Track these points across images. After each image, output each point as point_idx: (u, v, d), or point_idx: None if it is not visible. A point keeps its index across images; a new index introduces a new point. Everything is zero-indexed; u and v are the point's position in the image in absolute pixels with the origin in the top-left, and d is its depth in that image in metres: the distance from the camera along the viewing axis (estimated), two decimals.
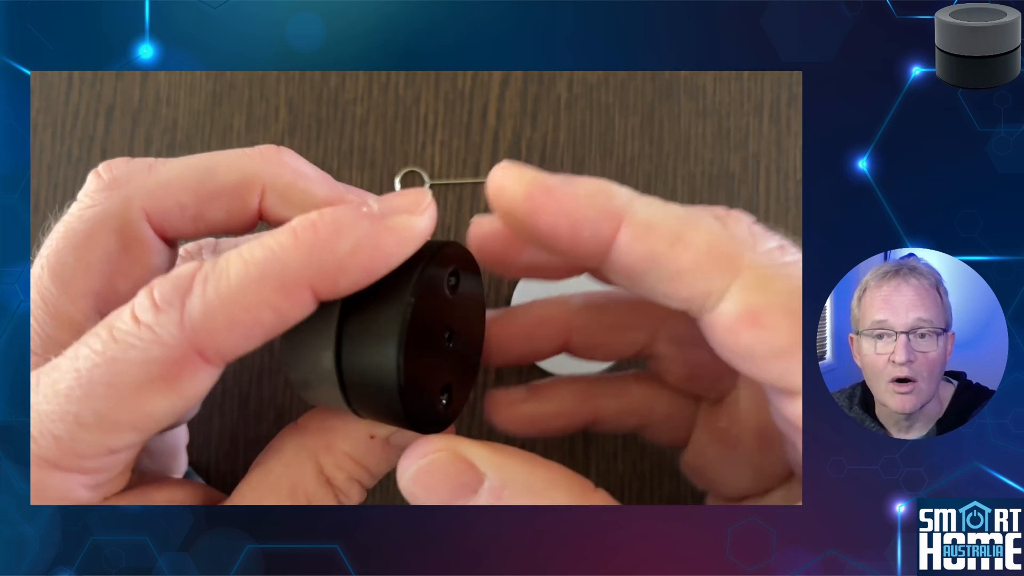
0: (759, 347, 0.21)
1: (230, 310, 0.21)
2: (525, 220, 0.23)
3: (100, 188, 0.25)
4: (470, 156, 0.39)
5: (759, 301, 0.21)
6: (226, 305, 0.21)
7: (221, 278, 0.22)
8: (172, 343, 0.21)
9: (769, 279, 0.21)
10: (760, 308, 0.21)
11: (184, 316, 0.21)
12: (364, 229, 0.22)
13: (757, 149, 0.39)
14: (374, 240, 0.22)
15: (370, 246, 0.22)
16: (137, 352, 0.21)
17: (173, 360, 0.21)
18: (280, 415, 0.37)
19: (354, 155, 0.39)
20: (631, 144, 0.39)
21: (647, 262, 0.22)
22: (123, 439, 0.22)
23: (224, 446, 0.33)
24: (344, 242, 0.22)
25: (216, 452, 0.35)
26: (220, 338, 0.21)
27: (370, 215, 0.22)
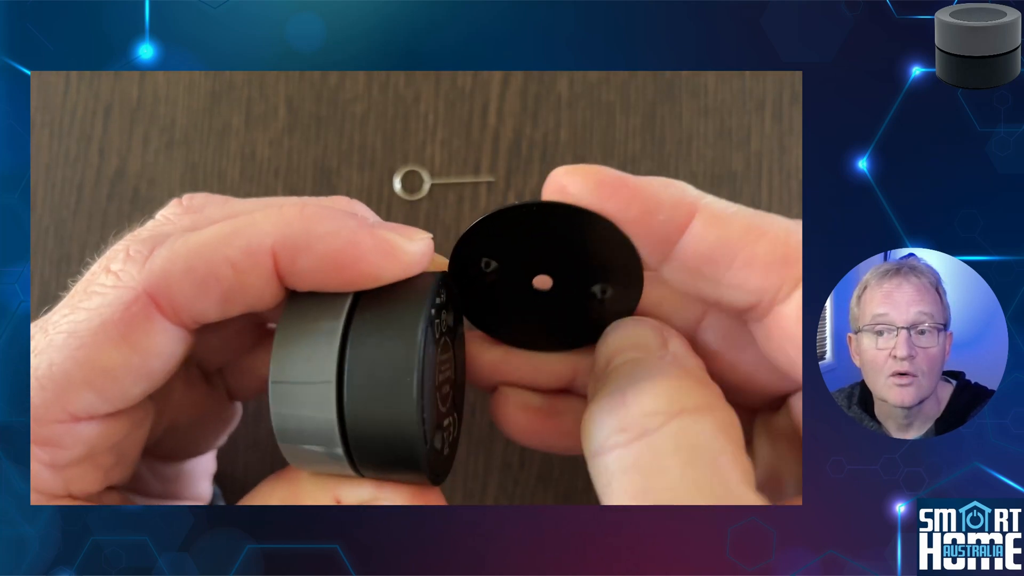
0: None
1: (189, 259, 0.21)
2: (595, 207, 0.22)
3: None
4: (470, 155, 0.39)
5: None
6: (188, 255, 0.21)
7: (193, 233, 0.22)
8: (130, 286, 0.21)
9: None
10: None
11: (146, 263, 0.21)
12: (347, 224, 0.22)
13: (759, 148, 0.39)
14: (352, 236, 0.21)
15: (346, 240, 0.21)
16: (98, 298, 0.21)
17: (125, 303, 0.21)
18: None
19: (354, 154, 0.39)
20: (632, 143, 0.39)
21: (720, 249, 0.22)
22: (80, 399, 0.21)
23: (224, 447, 0.33)
24: (322, 225, 0.21)
25: (216, 452, 0.35)
26: (175, 285, 0.21)
27: (362, 221, 0.22)
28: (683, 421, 0.21)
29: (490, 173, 0.39)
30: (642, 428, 0.21)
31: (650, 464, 0.20)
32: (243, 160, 0.39)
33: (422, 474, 0.22)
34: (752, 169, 0.39)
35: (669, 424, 0.21)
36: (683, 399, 0.21)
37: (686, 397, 0.21)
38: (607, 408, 0.22)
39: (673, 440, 0.20)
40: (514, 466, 0.37)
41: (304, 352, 0.21)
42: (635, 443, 0.21)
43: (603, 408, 0.22)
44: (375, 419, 0.21)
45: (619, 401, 0.21)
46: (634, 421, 0.21)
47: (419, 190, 0.39)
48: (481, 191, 0.39)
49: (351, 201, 0.26)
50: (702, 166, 0.39)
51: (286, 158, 0.39)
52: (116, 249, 0.23)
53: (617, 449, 0.21)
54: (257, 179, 0.39)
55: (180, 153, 0.39)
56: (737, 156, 0.39)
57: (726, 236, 0.22)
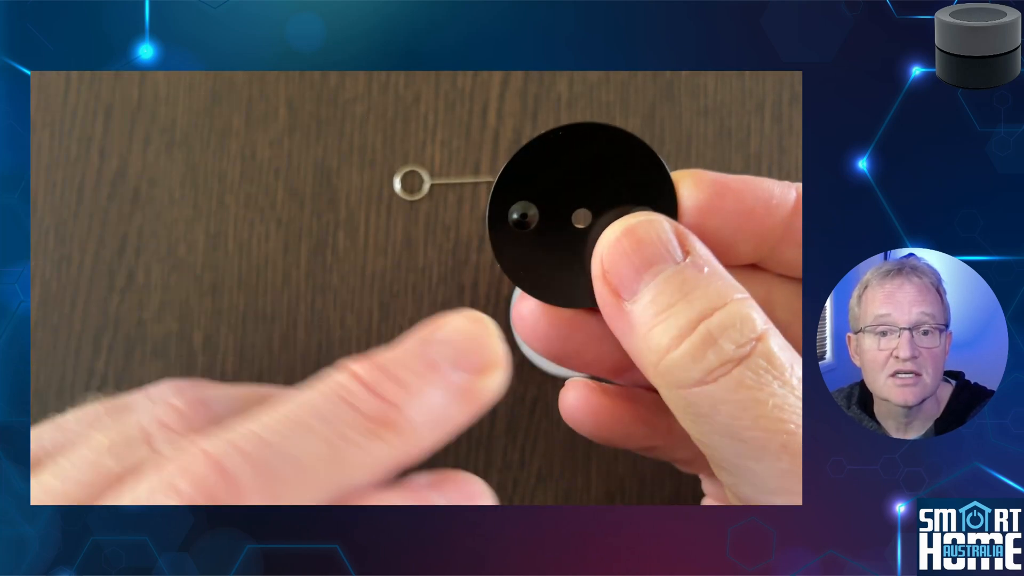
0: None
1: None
2: (708, 206, 0.24)
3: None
4: (470, 155, 0.39)
5: None
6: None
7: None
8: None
9: None
10: None
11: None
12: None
13: (759, 148, 0.39)
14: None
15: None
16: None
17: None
18: None
19: (354, 154, 0.39)
20: None
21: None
22: None
23: None
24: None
25: None
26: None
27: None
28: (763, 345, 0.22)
29: (490, 173, 0.39)
30: (738, 356, 0.22)
31: (754, 382, 0.22)
32: (243, 160, 0.39)
33: None
34: (752, 169, 0.39)
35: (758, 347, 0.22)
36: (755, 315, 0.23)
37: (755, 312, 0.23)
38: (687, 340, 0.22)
39: (765, 358, 0.22)
40: (514, 466, 0.37)
41: None
42: (736, 368, 0.22)
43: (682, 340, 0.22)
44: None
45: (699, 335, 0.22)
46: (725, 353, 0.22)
47: (419, 190, 0.39)
48: (481, 191, 0.39)
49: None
50: (702, 166, 0.39)
51: (286, 158, 0.39)
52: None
53: (722, 379, 0.22)
54: (257, 179, 0.39)
55: (181, 153, 0.39)
56: (736, 156, 0.39)
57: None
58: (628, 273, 0.23)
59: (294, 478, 0.19)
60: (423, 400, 0.21)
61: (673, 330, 0.22)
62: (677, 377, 0.22)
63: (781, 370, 0.22)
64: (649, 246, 0.23)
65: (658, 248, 0.23)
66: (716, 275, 0.23)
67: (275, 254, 0.38)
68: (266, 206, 0.38)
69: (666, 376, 0.22)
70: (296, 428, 0.19)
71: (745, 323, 0.22)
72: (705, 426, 0.22)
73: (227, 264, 0.38)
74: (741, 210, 0.25)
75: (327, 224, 0.38)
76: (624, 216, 0.24)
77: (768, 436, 0.21)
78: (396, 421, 0.20)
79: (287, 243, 0.38)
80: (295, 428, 0.19)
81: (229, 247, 0.38)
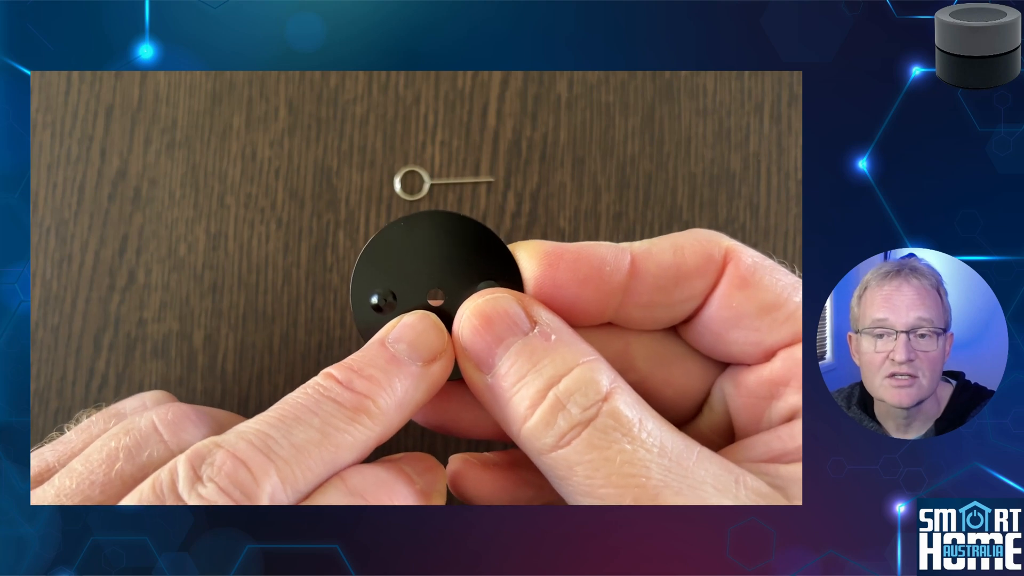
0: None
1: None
2: (544, 276, 0.26)
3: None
4: (470, 156, 0.39)
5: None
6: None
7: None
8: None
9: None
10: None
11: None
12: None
13: (758, 148, 0.39)
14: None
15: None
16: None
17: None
18: None
19: (354, 155, 0.39)
20: (631, 143, 0.39)
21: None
22: None
23: None
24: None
25: None
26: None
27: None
28: (610, 404, 0.24)
29: (490, 174, 0.39)
30: (585, 419, 0.23)
31: (601, 441, 0.23)
32: (244, 161, 0.39)
33: None
34: (751, 169, 0.39)
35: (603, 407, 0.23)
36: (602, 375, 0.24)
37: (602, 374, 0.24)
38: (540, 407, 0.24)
39: (612, 418, 0.23)
40: None
41: None
42: (584, 431, 0.23)
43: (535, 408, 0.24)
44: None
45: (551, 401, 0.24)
46: (575, 417, 0.23)
47: (419, 190, 0.39)
48: (481, 191, 0.39)
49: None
50: (701, 166, 0.39)
51: (287, 159, 0.39)
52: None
53: (573, 441, 0.23)
54: (257, 180, 0.39)
55: (181, 154, 0.39)
56: (735, 156, 0.39)
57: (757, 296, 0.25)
58: (483, 349, 0.25)
59: (295, 460, 0.22)
60: (389, 390, 0.24)
61: (526, 400, 0.24)
62: (535, 444, 0.24)
63: (628, 427, 0.23)
64: (498, 322, 0.25)
65: (506, 322, 0.25)
66: (562, 342, 0.24)
67: (275, 254, 0.38)
68: (266, 206, 0.38)
69: (527, 444, 0.24)
70: (291, 421, 0.23)
71: (590, 386, 0.23)
72: (567, 487, 0.24)
73: (227, 264, 0.38)
74: (577, 279, 0.25)
75: (327, 224, 0.38)
76: (474, 294, 0.26)
77: (620, 492, 0.22)
78: (370, 409, 0.24)
79: (287, 243, 0.38)
80: (291, 421, 0.23)
81: (229, 247, 0.38)
